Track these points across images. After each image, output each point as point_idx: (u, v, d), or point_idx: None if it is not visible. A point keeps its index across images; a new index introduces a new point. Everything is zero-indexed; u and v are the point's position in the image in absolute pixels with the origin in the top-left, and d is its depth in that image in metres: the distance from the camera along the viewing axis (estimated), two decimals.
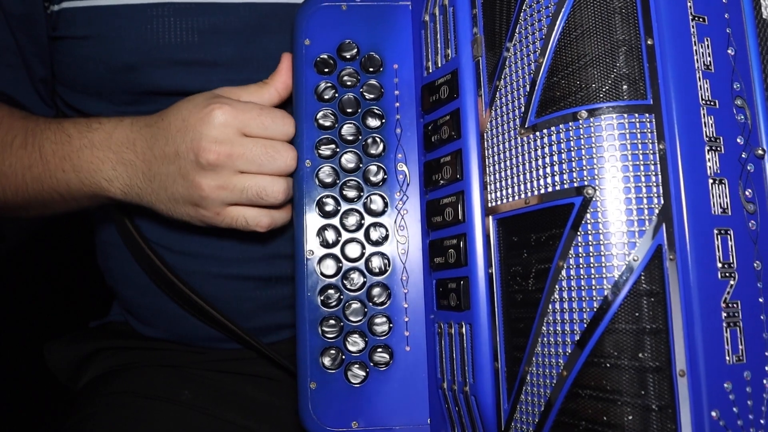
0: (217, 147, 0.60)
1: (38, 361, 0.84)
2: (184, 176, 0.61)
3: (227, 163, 0.60)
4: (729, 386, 0.45)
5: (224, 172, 0.61)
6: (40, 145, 0.66)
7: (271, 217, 0.64)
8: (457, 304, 0.56)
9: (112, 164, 0.64)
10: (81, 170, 0.65)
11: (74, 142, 0.65)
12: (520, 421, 0.51)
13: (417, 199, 0.63)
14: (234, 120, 0.60)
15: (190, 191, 0.62)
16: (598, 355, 0.46)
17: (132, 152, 0.64)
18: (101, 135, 0.65)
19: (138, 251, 0.74)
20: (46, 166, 0.66)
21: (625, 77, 0.47)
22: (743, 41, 0.50)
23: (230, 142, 0.60)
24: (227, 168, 0.60)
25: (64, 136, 0.66)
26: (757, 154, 0.48)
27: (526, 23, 0.51)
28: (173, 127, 0.62)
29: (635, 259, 0.45)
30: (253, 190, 0.61)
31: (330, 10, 0.65)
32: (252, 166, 0.61)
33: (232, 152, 0.60)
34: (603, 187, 0.46)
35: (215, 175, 0.61)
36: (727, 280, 0.46)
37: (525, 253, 0.51)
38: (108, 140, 0.64)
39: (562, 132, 0.48)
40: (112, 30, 0.68)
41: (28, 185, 0.68)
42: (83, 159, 0.65)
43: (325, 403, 0.60)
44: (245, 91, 0.64)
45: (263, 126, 0.62)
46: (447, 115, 0.58)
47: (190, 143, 0.60)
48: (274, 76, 0.65)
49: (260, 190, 0.61)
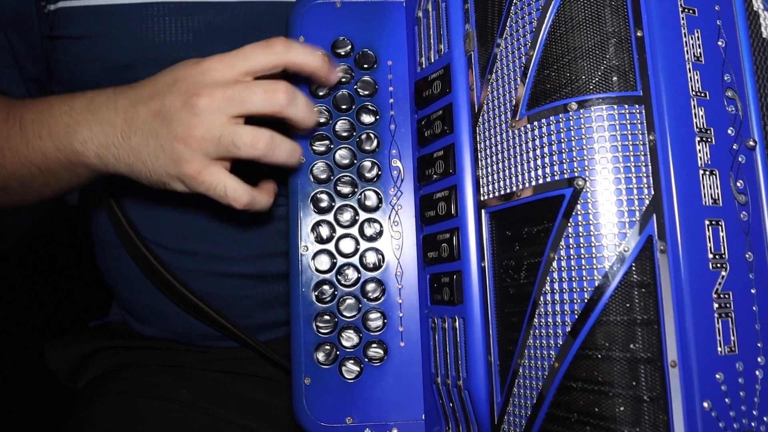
0: (205, 90, 0.57)
1: (38, 361, 0.84)
2: (169, 125, 0.58)
3: (214, 105, 0.57)
4: (721, 377, 0.45)
5: (210, 116, 0.57)
6: (21, 115, 0.65)
7: (251, 196, 0.60)
8: (450, 298, 0.56)
9: (88, 125, 0.61)
10: (57, 135, 0.62)
11: (54, 110, 0.63)
12: (513, 414, 0.51)
13: (411, 195, 0.63)
14: (227, 65, 0.58)
15: (173, 144, 0.58)
16: (590, 347, 0.46)
17: (112, 111, 0.61)
18: (82, 100, 0.63)
19: (134, 250, 0.75)
20: (24, 136, 0.64)
21: (615, 69, 0.47)
22: (734, 33, 0.50)
23: (216, 88, 0.58)
24: (214, 112, 0.57)
25: (45, 105, 0.64)
26: (748, 145, 0.48)
27: (516, 17, 0.51)
28: (161, 83, 0.60)
29: (626, 249, 0.45)
30: (233, 136, 0.57)
31: (324, 8, 0.65)
32: (242, 107, 0.57)
33: (214, 95, 0.57)
34: (593, 178, 0.46)
35: (200, 121, 0.57)
36: (719, 271, 0.46)
37: (517, 245, 0.51)
38: (88, 104, 0.62)
39: (552, 124, 0.48)
40: (108, 29, 0.68)
41: (6, 158, 0.65)
42: (60, 124, 0.62)
43: (319, 398, 0.60)
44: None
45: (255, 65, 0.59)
46: (440, 110, 0.58)
47: (178, 92, 0.58)
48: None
49: (242, 135, 0.57)
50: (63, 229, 1.50)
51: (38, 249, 1.56)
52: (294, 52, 0.59)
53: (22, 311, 1.53)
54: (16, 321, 1.49)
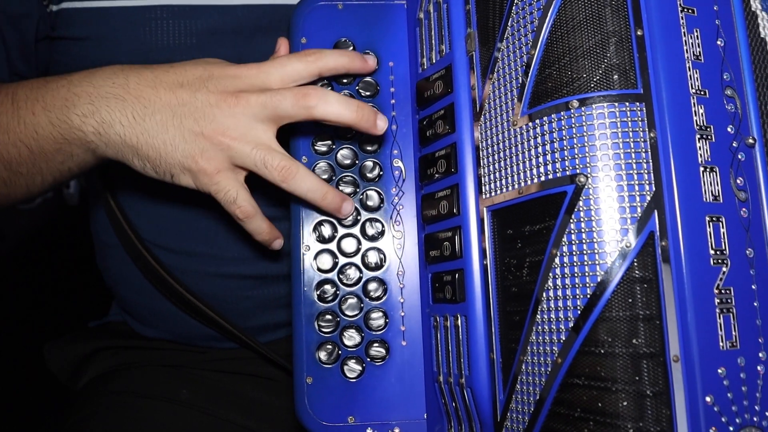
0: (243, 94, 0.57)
1: (38, 361, 0.83)
2: (197, 119, 0.57)
3: (249, 111, 0.57)
4: (723, 372, 0.45)
5: (244, 120, 0.57)
6: (14, 92, 0.60)
7: (256, 211, 0.59)
8: (452, 296, 0.56)
9: (89, 99, 0.57)
10: (53, 108, 0.58)
11: (50, 84, 0.59)
12: (516, 411, 0.51)
13: (413, 195, 0.64)
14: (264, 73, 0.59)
15: (198, 137, 0.57)
16: (592, 342, 0.46)
17: (121, 87, 0.58)
18: (82, 74, 0.59)
19: (134, 250, 0.75)
20: (15, 113, 0.59)
21: (616, 67, 0.48)
22: (732, 33, 0.50)
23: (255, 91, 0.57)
24: (248, 117, 0.57)
25: (40, 81, 0.60)
26: (747, 143, 0.49)
27: (518, 17, 0.52)
28: (191, 74, 0.58)
29: (628, 245, 0.46)
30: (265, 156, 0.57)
31: (326, 9, 0.65)
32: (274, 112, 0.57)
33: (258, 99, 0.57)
34: (595, 175, 0.47)
35: (234, 122, 0.57)
36: (720, 267, 0.46)
37: (519, 243, 0.52)
38: (89, 76, 0.59)
39: (554, 122, 0.49)
40: (110, 32, 0.68)
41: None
42: (57, 97, 0.58)
43: (321, 397, 0.60)
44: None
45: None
46: (441, 110, 0.59)
47: (214, 89, 0.57)
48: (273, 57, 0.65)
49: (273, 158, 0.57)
50: (63, 229, 1.50)
51: (38, 249, 1.56)
52: (326, 58, 0.60)
53: (22, 311, 1.53)
54: (16, 321, 1.49)
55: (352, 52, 0.62)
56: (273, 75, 0.59)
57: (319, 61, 0.60)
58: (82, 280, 1.41)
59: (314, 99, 0.57)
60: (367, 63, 0.63)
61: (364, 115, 0.58)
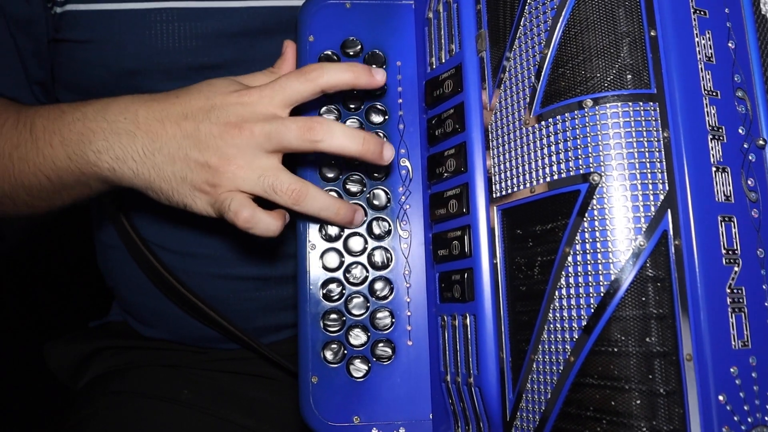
0: (251, 125, 0.56)
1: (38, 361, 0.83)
2: (202, 151, 0.57)
3: (253, 141, 0.56)
4: (735, 371, 0.45)
5: (249, 151, 0.57)
6: (32, 122, 0.63)
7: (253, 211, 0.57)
8: (461, 295, 0.56)
9: (104, 135, 0.59)
10: (70, 143, 0.60)
11: (66, 117, 0.61)
12: (526, 411, 0.50)
13: (420, 194, 0.63)
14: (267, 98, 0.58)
15: (203, 169, 0.57)
16: (605, 341, 0.46)
17: (132, 123, 0.59)
18: (96, 106, 0.61)
19: (136, 252, 0.74)
20: (34, 143, 0.61)
21: (630, 67, 0.48)
22: (743, 35, 0.51)
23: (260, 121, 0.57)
24: (252, 147, 0.57)
25: (57, 112, 0.62)
26: (758, 144, 0.49)
27: (531, 16, 0.52)
28: (194, 105, 0.58)
29: (641, 244, 0.46)
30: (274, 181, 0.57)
31: (334, 8, 0.65)
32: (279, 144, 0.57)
33: (262, 130, 0.56)
34: (609, 173, 0.47)
35: (238, 153, 0.57)
36: (732, 266, 0.46)
37: (530, 242, 0.52)
38: (103, 111, 0.60)
39: (567, 121, 0.49)
40: (114, 34, 0.68)
41: (15, 166, 0.63)
42: (74, 131, 0.60)
43: (326, 397, 0.60)
44: (252, 78, 0.64)
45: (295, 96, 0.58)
46: (451, 109, 0.59)
47: (216, 120, 0.57)
48: (280, 64, 0.65)
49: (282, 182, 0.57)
50: (63, 229, 1.49)
51: (38, 249, 1.55)
52: (328, 75, 0.58)
53: (22, 311, 1.51)
54: (16, 321, 1.48)
55: (358, 66, 0.58)
56: (275, 99, 0.58)
57: (320, 79, 0.58)
58: (82, 280, 1.40)
59: (319, 133, 0.56)
60: (374, 78, 0.59)
61: (370, 147, 0.58)
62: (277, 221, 0.58)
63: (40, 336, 0.92)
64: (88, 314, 0.89)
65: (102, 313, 0.87)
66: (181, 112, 0.58)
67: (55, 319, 1.47)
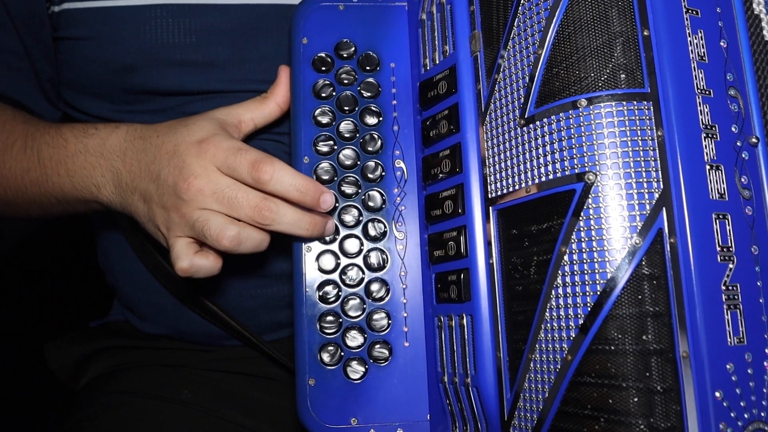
0: (195, 180, 0.58)
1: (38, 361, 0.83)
2: (161, 195, 0.60)
3: (200, 198, 0.58)
4: (731, 367, 0.45)
5: (195, 203, 0.58)
6: (39, 149, 0.67)
7: (190, 261, 0.59)
8: (457, 295, 0.56)
9: (101, 171, 0.64)
10: (74, 175, 0.65)
11: (70, 147, 0.65)
12: (524, 410, 0.51)
13: (414, 196, 0.64)
14: (222, 159, 0.58)
15: (160, 210, 0.60)
16: (602, 339, 0.46)
17: (121, 161, 0.63)
18: (96, 141, 0.65)
19: (140, 248, 0.74)
20: (43, 170, 0.66)
21: (623, 67, 0.48)
22: (734, 35, 0.51)
23: (207, 179, 0.58)
24: (199, 202, 0.58)
25: (61, 141, 0.66)
26: (750, 142, 0.50)
27: (524, 17, 0.52)
28: (164, 149, 0.61)
29: (637, 243, 0.46)
30: (203, 225, 0.58)
31: (328, 10, 0.65)
32: (228, 210, 0.58)
33: (203, 188, 0.58)
34: (604, 172, 0.47)
35: (185, 204, 0.58)
36: (727, 264, 0.47)
37: (526, 242, 0.52)
38: (101, 146, 0.64)
39: (562, 120, 0.49)
40: (111, 31, 0.68)
41: (27, 188, 0.68)
42: (77, 164, 0.65)
43: (323, 399, 0.60)
44: (246, 108, 0.64)
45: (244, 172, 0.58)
46: (445, 110, 0.59)
47: (175, 167, 0.59)
48: (273, 89, 0.65)
49: (211, 227, 0.57)
50: (63, 229, 1.49)
51: (38, 249, 1.55)
52: (275, 183, 0.57)
53: (23, 311, 1.51)
54: (16, 321, 1.48)
55: (310, 186, 0.58)
56: (225, 165, 0.58)
57: (263, 185, 0.57)
58: (82, 280, 1.40)
59: (269, 219, 0.58)
60: (320, 206, 0.59)
61: (316, 228, 0.60)
62: (215, 264, 0.60)
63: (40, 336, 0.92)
64: (89, 314, 0.89)
65: (102, 313, 0.87)
66: (153, 155, 0.61)
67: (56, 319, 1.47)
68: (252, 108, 0.65)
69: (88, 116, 0.75)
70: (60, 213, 0.71)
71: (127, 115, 0.73)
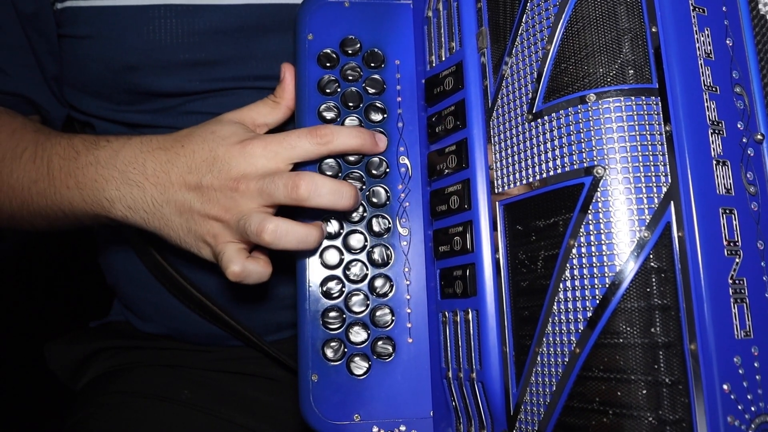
0: (248, 182, 0.58)
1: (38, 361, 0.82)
2: (204, 203, 0.59)
3: (246, 197, 0.58)
4: (738, 360, 0.46)
5: (243, 204, 0.58)
6: (49, 159, 0.65)
7: (243, 265, 0.59)
8: (463, 291, 0.56)
9: (116, 184, 0.61)
10: (84, 187, 0.63)
11: (81, 159, 0.63)
12: (531, 404, 0.51)
13: (419, 192, 0.64)
14: (271, 153, 0.59)
15: (205, 220, 0.59)
16: (610, 332, 0.46)
17: (140, 174, 0.61)
18: (108, 152, 0.62)
19: (141, 248, 0.74)
20: (51, 182, 0.64)
21: (631, 63, 0.49)
22: (740, 33, 0.52)
23: (257, 177, 0.58)
24: (246, 201, 0.58)
25: (72, 152, 0.64)
26: (756, 139, 0.50)
27: (533, 13, 0.53)
28: (199, 157, 0.60)
29: (645, 236, 0.46)
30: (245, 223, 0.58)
31: (333, 7, 0.66)
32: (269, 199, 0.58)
33: (256, 188, 0.58)
34: (612, 167, 0.47)
35: (234, 204, 0.58)
36: (733, 258, 0.47)
37: (533, 236, 0.52)
38: (114, 158, 0.62)
39: (570, 115, 0.50)
40: (113, 30, 0.68)
41: (34, 199, 0.66)
42: (87, 176, 0.62)
43: (326, 395, 0.59)
44: (258, 112, 0.64)
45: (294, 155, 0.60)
46: (452, 106, 0.59)
47: (218, 173, 0.58)
48: (282, 93, 0.65)
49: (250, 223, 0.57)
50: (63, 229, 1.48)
51: (38, 249, 1.53)
52: (338, 140, 0.59)
53: (22, 311, 1.50)
54: (16, 321, 1.47)
55: (365, 134, 0.61)
56: (280, 156, 0.59)
57: (330, 144, 0.59)
58: (82, 280, 1.39)
59: (305, 192, 0.57)
60: (378, 145, 0.62)
61: (352, 202, 0.59)
62: (266, 269, 0.60)
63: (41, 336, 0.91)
64: (89, 314, 0.89)
65: (103, 313, 0.87)
66: (186, 165, 0.60)
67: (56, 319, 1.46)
68: (264, 112, 0.64)
69: (88, 116, 0.74)
70: (66, 227, 0.69)
71: (127, 114, 0.72)
